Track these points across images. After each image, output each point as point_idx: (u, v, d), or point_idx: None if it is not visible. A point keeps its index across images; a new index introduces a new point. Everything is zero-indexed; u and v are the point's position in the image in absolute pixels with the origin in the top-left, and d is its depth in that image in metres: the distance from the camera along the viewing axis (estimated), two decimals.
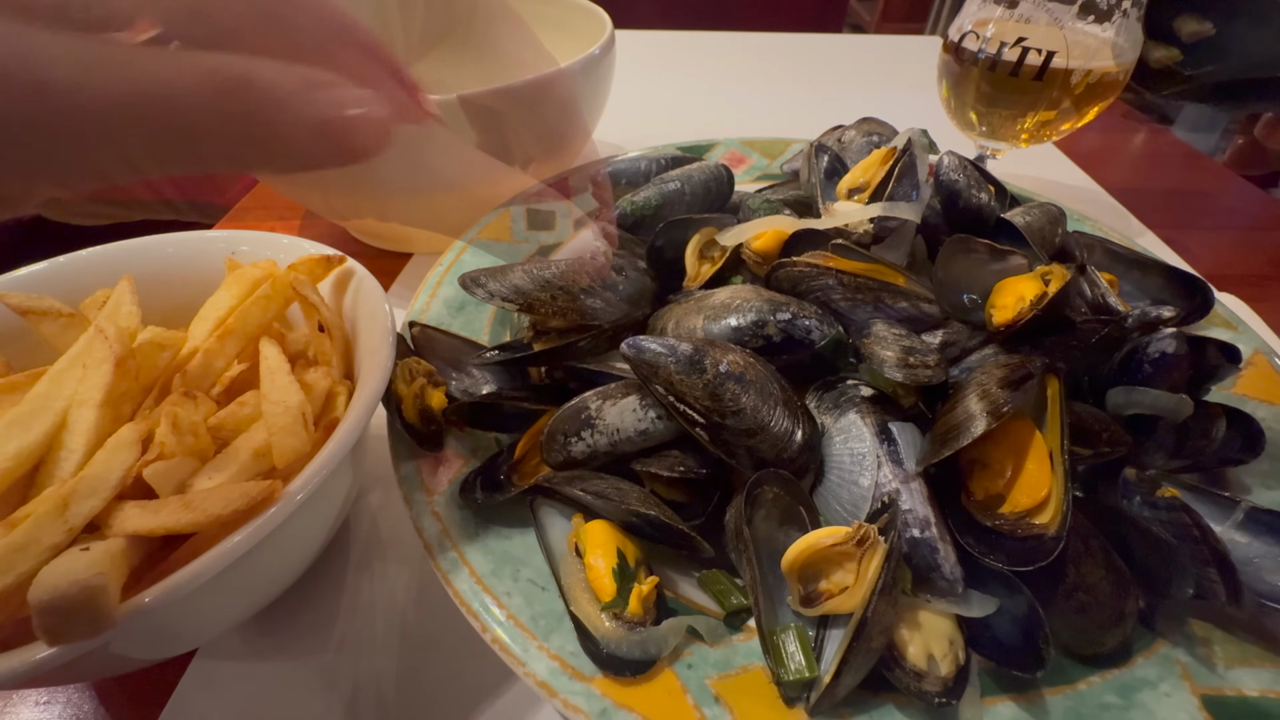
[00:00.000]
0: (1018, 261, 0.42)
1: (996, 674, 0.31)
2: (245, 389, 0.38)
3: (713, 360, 0.34)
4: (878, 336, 0.37)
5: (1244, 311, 0.62)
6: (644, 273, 0.44)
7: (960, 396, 0.34)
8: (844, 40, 1.35)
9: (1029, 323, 0.37)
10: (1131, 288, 0.50)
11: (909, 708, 0.30)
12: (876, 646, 0.29)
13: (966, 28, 0.64)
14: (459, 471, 0.38)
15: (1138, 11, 0.59)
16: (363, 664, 0.39)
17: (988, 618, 0.31)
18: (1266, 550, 0.34)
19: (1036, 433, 0.34)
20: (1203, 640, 0.32)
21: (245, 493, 0.29)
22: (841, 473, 0.35)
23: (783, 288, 0.41)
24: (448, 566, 0.33)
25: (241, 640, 0.40)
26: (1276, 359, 0.45)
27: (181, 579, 0.26)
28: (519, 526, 0.36)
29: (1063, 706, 0.30)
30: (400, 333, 0.43)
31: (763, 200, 0.53)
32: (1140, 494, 0.36)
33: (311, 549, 0.37)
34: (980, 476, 0.34)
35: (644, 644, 0.31)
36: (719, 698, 0.29)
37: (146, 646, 0.31)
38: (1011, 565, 0.30)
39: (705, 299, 0.41)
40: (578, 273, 0.40)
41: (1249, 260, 0.77)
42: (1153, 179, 0.92)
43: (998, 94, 0.64)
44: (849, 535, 0.30)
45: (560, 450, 0.36)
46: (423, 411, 0.39)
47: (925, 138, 0.51)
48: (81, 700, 0.38)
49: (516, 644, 0.30)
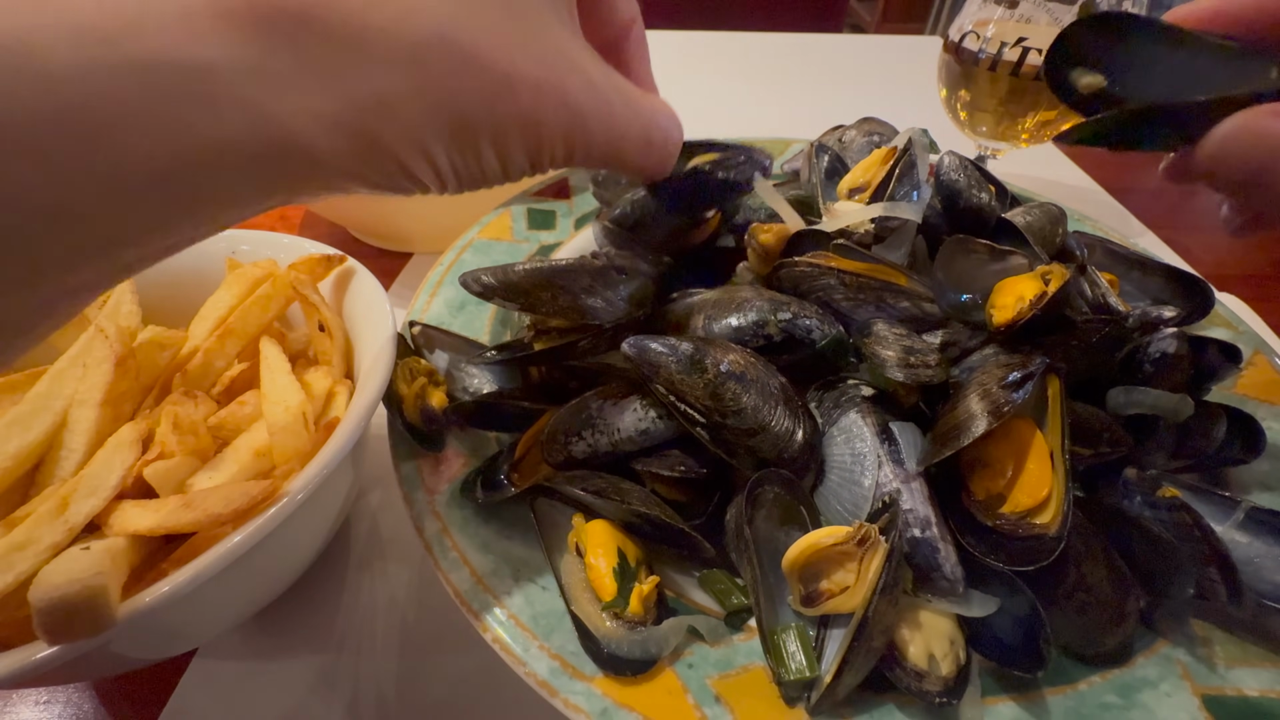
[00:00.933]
0: (1018, 261, 0.41)
1: (997, 674, 0.31)
2: (245, 388, 0.38)
3: (713, 360, 0.34)
4: (879, 336, 0.37)
5: (1244, 311, 0.62)
6: (646, 273, 0.44)
7: (961, 396, 0.34)
8: (844, 40, 1.35)
9: (1029, 322, 0.37)
10: (1132, 288, 0.50)
11: (910, 707, 0.30)
12: (877, 646, 0.29)
13: (967, 28, 0.64)
14: (459, 471, 0.38)
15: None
16: (363, 664, 0.39)
17: (988, 617, 0.31)
18: (1267, 550, 0.34)
19: (1037, 433, 0.34)
20: (1203, 640, 0.32)
21: (246, 492, 0.29)
22: (842, 472, 0.35)
23: (784, 287, 0.41)
24: (448, 566, 0.33)
25: (241, 640, 0.40)
26: (1277, 359, 0.45)
27: (182, 579, 0.26)
28: (519, 526, 0.36)
29: (1063, 706, 0.30)
30: (400, 332, 0.43)
31: (763, 200, 0.52)
32: (1141, 494, 0.36)
33: (312, 549, 0.37)
34: (981, 476, 0.34)
35: (645, 644, 0.31)
36: (720, 697, 0.29)
37: (147, 646, 0.31)
38: (1012, 565, 0.30)
39: (707, 299, 0.41)
40: (578, 272, 0.40)
41: (1249, 260, 0.77)
42: (1153, 179, 0.92)
43: (998, 94, 0.64)
44: (850, 535, 0.30)
45: (561, 450, 0.36)
46: (423, 411, 0.39)
47: (926, 137, 0.51)
48: (81, 700, 0.38)
49: (517, 643, 0.30)
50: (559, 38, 0.24)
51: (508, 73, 0.22)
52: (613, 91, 0.26)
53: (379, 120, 0.20)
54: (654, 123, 0.29)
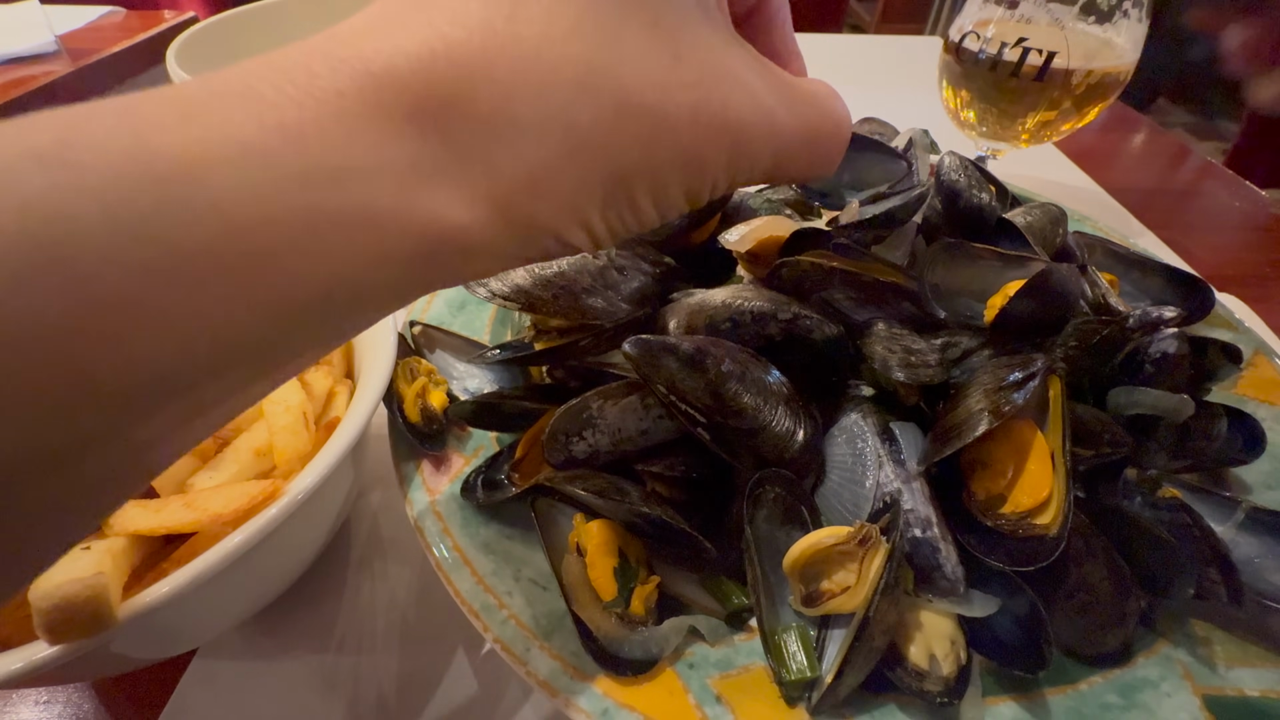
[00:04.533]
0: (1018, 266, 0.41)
1: (998, 674, 0.31)
2: None
3: (714, 360, 0.34)
4: (879, 336, 0.37)
5: (1244, 312, 0.62)
6: (647, 272, 0.44)
7: (962, 396, 0.34)
8: (844, 40, 1.35)
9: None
10: (1132, 288, 0.50)
11: (910, 707, 0.30)
12: (878, 646, 0.29)
13: (967, 28, 0.64)
14: (460, 471, 0.38)
15: (1139, 11, 0.59)
16: (363, 664, 0.39)
17: (989, 618, 0.31)
18: (1267, 550, 0.34)
19: (1038, 433, 0.34)
20: (1204, 640, 0.32)
21: (246, 492, 0.29)
22: (843, 472, 0.35)
23: (784, 287, 0.41)
24: (449, 566, 0.33)
25: (241, 640, 0.40)
26: (1277, 359, 0.45)
27: (182, 578, 0.26)
28: (520, 526, 0.36)
29: (1064, 706, 0.30)
30: (401, 332, 0.43)
31: (763, 200, 0.52)
32: (1141, 494, 0.36)
33: (312, 548, 0.37)
34: (982, 477, 0.34)
35: (645, 644, 0.31)
36: (720, 697, 0.29)
37: (147, 646, 0.31)
38: (1013, 565, 0.30)
39: (707, 299, 0.41)
40: (579, 272, 0.40)
41: (1249, 260, 0.77)
42: (1153, 179, 0.92)
43: (998, 94, 0.64)
44: (851, 535, 0.30)
45: (561, 450, 0.36)
46: (424, 411, 0.39)
47: (926, 138, 0.51)
48: (81, 700, 0.38)
49: (518, 644, 0.30)
50: (712, 44, 0.20)
51: (662, 108, 0.19)
52: (772, 95, 0.22)
53: (533, 198, 0.18)
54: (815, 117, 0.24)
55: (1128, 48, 0.61)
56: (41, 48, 1.01)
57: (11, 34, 1.02)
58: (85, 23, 1.16)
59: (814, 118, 0.24)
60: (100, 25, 1.16)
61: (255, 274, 0.15)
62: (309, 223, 0.15)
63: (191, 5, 1.72)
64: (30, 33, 1.02)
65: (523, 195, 0.18)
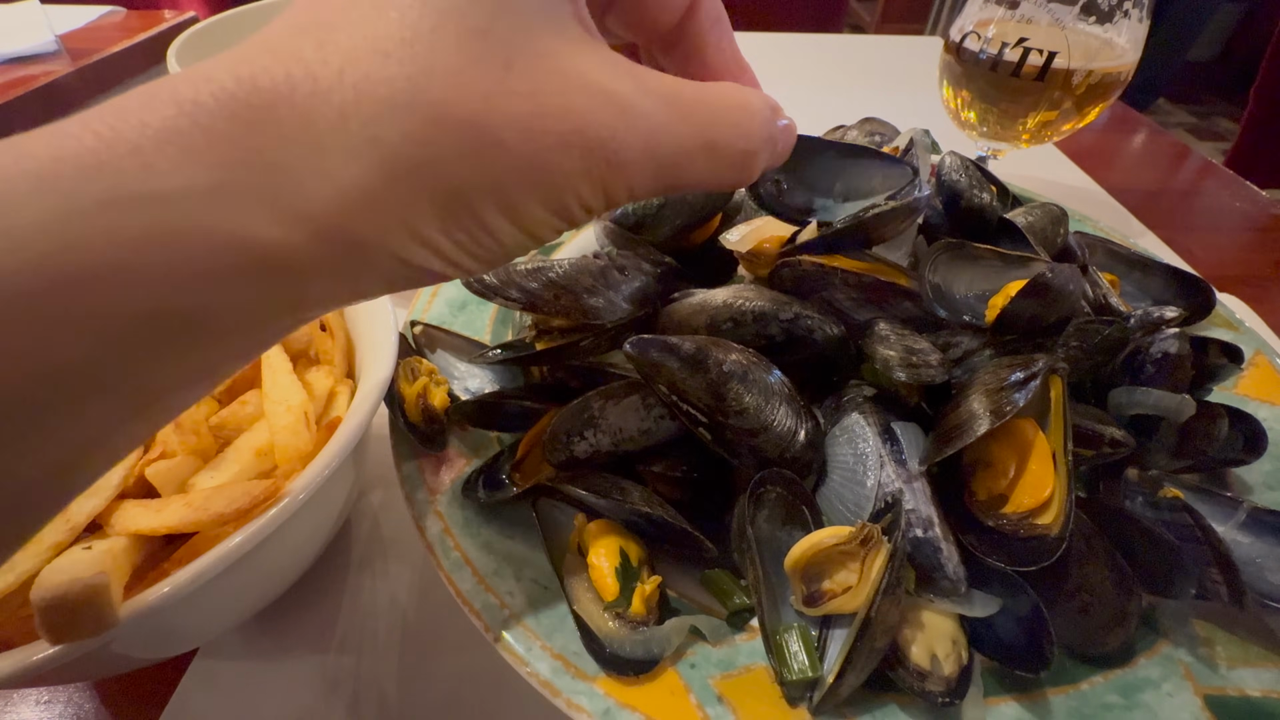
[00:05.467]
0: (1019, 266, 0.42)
1: (999, 674, 0.31)
2: (247, 388, 0.38)
3: (715, 359, 0.34)
4: (881, 336, 0.37)
5: (1244, 312, 0.62)
6: (648, 272, 0.44)
7: (963, 396, 0.34)
8: (844, 40, 1.35)
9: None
10: (1133, 288, 0.50)
11: (912, 707, 0.30)
12: (880, 646, 0.29)
13: (968, 28, 0.64)
14: (461, 471, 0.38)
15: (1139, 12, 0.59)
16: (364, 664, 0.39)
17: (990, 617, 0.31)
18: (1268, 550, 0.34)
19: (1039, 433, 0.34)
20: (1205, 640, 0.32)
21: (247, 492, 0.29)
22: (844, 472, 0.35)
23: (785, 287, 0.41)
24: (450, 566, 0.33)
25: (242, 640, 0.40)
26: (1278, 359, 0.45)
27: (183, 578, 0.26)
28: (521, 526, 0.36)
29: (1065, 706, 0.30)
30: (402, 332, 0.43)
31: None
32: (1143, 494, 0.36)
33: (313, 548, 0.37)
34: (983, 476, 0.34)
35: (647, 643, 0.31)
36: (722, 697, 0.29)
37: (148, 646, 0.31)
38: (1014, 565, 0.30)
39: (708, 299, 0.41)
40: (580, 272, 0.40)
41: (1249, 260, 0.77)
42: (1153, 179, 0.92)
43: (999, 94, 0.64)
44: (852, 535, 0.30)
45: (563, 449, 0.36)
46: (425, 411, 0.39)
47: (927, 138, 0.51)
48: (82, 700, 0.38)
49: (519, 643, 0.30)
50: (556, 51, 0.20)
51: (486, 119, 0.18)
52: (647, 100, 0.21)
53: (349, 217, 0.18)
54: (712, 123, 0.23)
55: (1128, 48, 0.61)
56: (42, 48, 1.01)
57: (11, 34, 1.02)
58: (85, 22, 1.16)
59: (710, 124, 0.23)
60: (100, 25, 1.16)
61: (68, 297, 0.15)
62: (111, 243, 0.15)
63: (191, 5, 1.72)
64: (30, 32, 1.02)
65: (337, 215, 0.18)
